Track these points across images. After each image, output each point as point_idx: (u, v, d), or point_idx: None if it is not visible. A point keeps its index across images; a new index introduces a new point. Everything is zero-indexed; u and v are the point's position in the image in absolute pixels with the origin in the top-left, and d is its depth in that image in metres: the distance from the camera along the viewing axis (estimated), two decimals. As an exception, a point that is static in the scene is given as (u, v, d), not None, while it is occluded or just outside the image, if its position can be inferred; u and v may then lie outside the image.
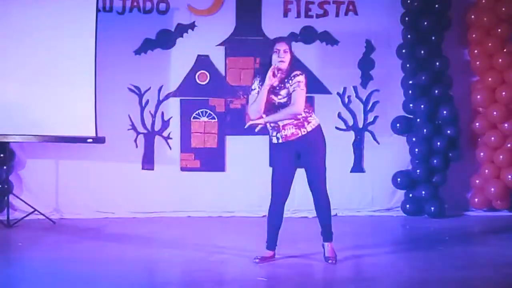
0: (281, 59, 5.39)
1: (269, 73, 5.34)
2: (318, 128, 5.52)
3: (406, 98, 7.98)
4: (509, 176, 7.69)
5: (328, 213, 5.63)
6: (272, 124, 5.46)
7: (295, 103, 5.38)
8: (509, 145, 7.82)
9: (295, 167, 5.57)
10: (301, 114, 5.43)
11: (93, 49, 7.23)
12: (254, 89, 5.50)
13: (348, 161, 8.04)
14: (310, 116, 5.51)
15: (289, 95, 5.42)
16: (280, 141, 5.48)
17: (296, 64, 5.73)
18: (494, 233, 6.99)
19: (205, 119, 7.94)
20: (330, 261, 5.59)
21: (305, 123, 5.45)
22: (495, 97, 7.85)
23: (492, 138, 7.86)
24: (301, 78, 5.44)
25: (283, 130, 5.44)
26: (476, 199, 8.01)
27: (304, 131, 5.44)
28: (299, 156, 5.52)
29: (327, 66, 7.98)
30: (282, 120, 5.44)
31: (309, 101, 7.82)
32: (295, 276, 5.36)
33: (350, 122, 8.05)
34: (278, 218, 5.61)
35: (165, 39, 7.89)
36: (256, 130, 5.51)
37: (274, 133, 5.51)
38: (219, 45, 7.90)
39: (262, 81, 5.41)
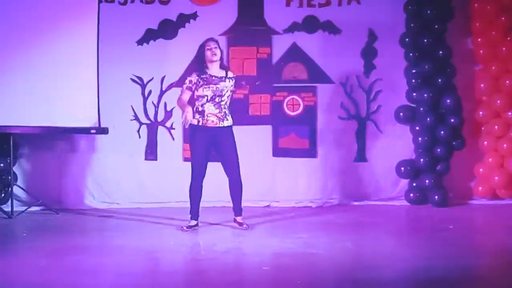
0: (213, 53, 6.41)
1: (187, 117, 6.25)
2: (231, 127, 6.52)
3: (409, 87, 7.97)
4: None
5: (240, 194, 6.56)
6: (199, 109, 6.37)
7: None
8: (512, 134, 7.81)
9: (210, 150, 6.47)
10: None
11: (96, 39, 7.25)
12: (191, 81, 6.42)
13: (351, 151, 8.04)
14: (229, 115, 6.49)
15: (228, 89, 6.45)
16: (200, 124, 6.38)
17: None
18: (498, 222, 6.99)
19: (208, 109, 7.93)
20: (244, 226, 6.51)
21: (225, 118, 6.43)
22: (499, 86, 7.84)
23: (496, 127, 7.85)
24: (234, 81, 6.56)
25: (206, 117, 6.37)
26: (480, 188, 8.00)
27: (222, 124, 6.42)
28: (214, 143, 6.44)
29: (329, 56, 7.96)
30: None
31: (312, 91, 7.98)
32: (298, 266, 5.36)
33: (353, 112, 8.04)
34: (199, 193, 6.50)
35: (167, 29, 7.88)
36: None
37: (197, 116, 6.38)
38: (221, 35, 7.87)
39: (199, 76, 6.39)
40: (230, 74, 6.53)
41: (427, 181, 7.80)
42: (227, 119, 6.46)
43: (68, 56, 7.28)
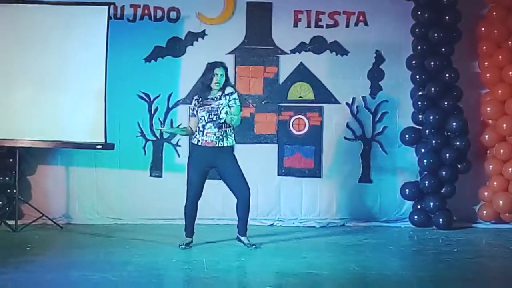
0: (216, 81, 6.42)
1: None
2: (232, 147, 6.51)
3: (415, 109, 7.98)
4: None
5: (248, 213, 6.54)
6: (200, 129, 6.42)
7: (237, 115, 6.43)
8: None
9: (208, 170, 6.49)
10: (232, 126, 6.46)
11: (104, 56, 7.27)
12: (192, 108, 6.54)
13: (356, 172, 8.04)
14: (231, 135, 6.47)
15: (223, 106, 6.39)
16: (200, 144, 6.43)
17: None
18: (502, 246, 6.96)
19: (214, 127, 7.95)
20: (253, 246, 6.49)
21: (225, 138, 6.41)
22: (505, 110, 7.84)
23: (502, 151, 7.85)
24: (236, 95, 6.50)
25: (205, 136, 6.40)
26: (485, 212, 7.98)
27: (221, 144, 6.40)
28: (214, 164, 6.43)
29: (336, 76, 8.00)
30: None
31: (318, 111, 8.00)
32: (301, 286, 5.35)
33: (359, 132, 8.05)
34: (194, 213, 6.56)
35: (175, 47, 7.92)
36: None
37: (198, 135, 6.45)
38: (229, 53, 7.92)
39: (201, 98, 6.46)
40: (228, 91, 6.48)
41: (431, 203, 7.78)
42: (227, 139, 6.44)
43: (76, 72, 7.32)
